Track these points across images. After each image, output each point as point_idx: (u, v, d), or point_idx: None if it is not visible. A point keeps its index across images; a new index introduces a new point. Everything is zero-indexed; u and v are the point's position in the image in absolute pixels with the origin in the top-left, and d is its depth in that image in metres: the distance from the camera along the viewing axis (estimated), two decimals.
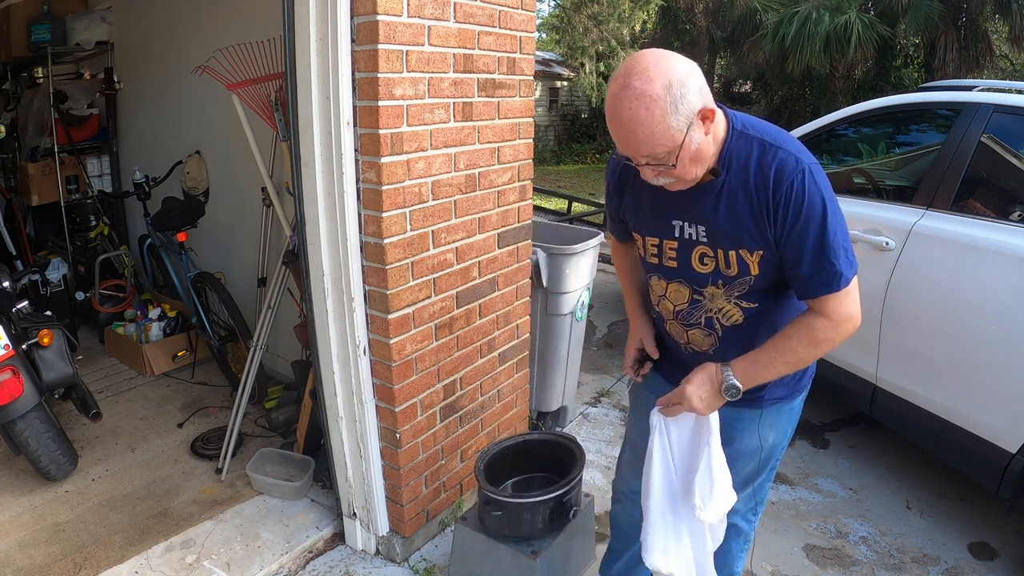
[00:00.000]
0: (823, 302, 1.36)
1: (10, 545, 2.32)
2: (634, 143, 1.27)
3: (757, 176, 1.34)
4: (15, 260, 4.19)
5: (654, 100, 1.22)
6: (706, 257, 1.44)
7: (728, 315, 1.48)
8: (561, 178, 13.12)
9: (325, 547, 2.41)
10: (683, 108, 1.23)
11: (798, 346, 1.39)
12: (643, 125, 1.24)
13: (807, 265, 1.34)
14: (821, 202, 1.30)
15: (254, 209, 3.34)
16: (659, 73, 1.22)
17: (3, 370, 2.43)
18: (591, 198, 7.81)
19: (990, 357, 2.32)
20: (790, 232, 1.33)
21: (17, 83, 4.55)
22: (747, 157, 1.35)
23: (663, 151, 1.27)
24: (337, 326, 2.13)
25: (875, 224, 2.75)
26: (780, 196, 1.31)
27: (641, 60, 1.26)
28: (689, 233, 1.45)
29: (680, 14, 14.78)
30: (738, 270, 1.41)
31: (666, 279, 1.53)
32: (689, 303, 1.51)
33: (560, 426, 3.22)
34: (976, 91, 2.79)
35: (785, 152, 1.33)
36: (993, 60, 12.31)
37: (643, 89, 1.22)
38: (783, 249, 1.35)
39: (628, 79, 1.23)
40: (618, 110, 1.25)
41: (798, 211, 1.31)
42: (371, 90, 1.86)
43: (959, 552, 2.47)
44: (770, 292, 1.46)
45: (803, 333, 1.39)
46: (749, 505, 1.77)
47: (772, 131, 1.38)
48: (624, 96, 1.24)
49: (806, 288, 1.37)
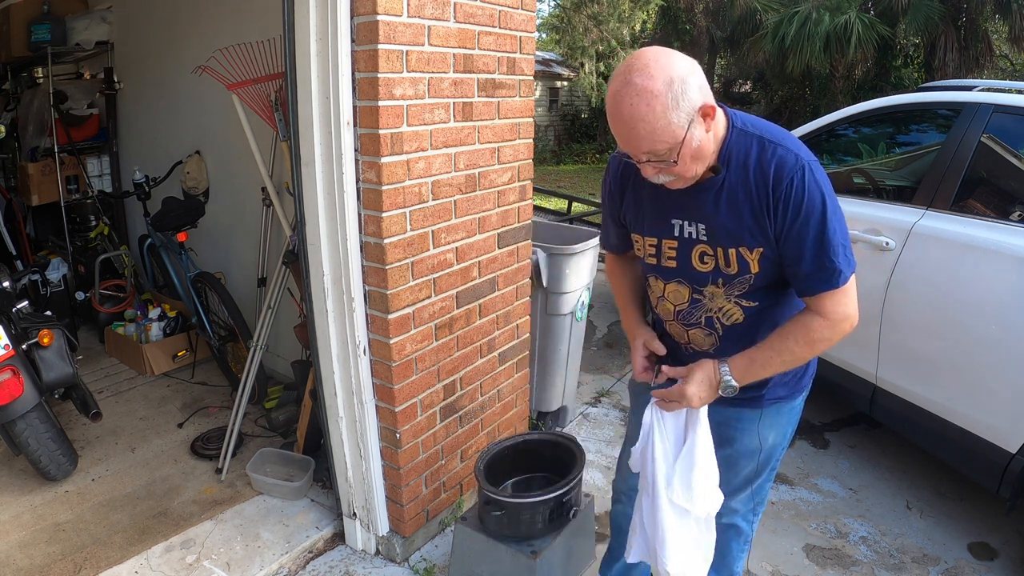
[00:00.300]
0: (821, 300, 1.37)
1: (10, 545, 2.32)
2: (635, 139, 1.27)
3: (757, 173, 1.34)
4: (15, 260, 4.19)
5: (655, 96, 1.22)
6: (706, 256, 1.44)
7: (728, 314, 1.48)
8: (561, 178, 13.12)
9: (325, 547, 2.41)
10: (684, 104, 1.23)
11: (795, 345, 1.40)
12: (644, 121, 1.23)
13: (807, 262, 1.34)
14: (821, 199, 1.31)
15: (254, 209, 3.34)
16: (660, 69, 1.22)
17: (3, 370, 2.43)
18: (591, 198, 7.80)
19: (990, 357, 2.31)
20: (790, 229, 1.33)
21: (17, 83, 4.55)
22: (747, 154, 1.35)
23: (664, 148, 1.27)
24: (337, 326, 2.13)
25: (875, 224, 2.75)
26: (780, 193, 1.32)
27: (642, 57, 1.25)
28: (689, 232, 1.45)
29: (680, 14, 14.79)
30: (738, 268, 1.41)
31: (664, 279, 1.53)
32: (689, 303, 1.51)
33: (560, 426, 3.22)
34: (976, 91, 2.79)
35: (784, 149, 1.33)
36: (993, 60, 12.31)
37: (644, 85, 1.22)
38: (783, 246, 1.36)
39: (629, 75, 1.23)
40: (619, 106, 1.25)
41: (798, 208, 1.31)
42: (371, 90, 1.86)
43: (959, 552, 2.47)
44: (770, 290, 1.46)
45: (800, 332, 1.39)
46: (749, 505, 1.76)
47: (772, 129, 1.38)
48: (626, 92, 1.23)
49: (805, 285, 1.38)
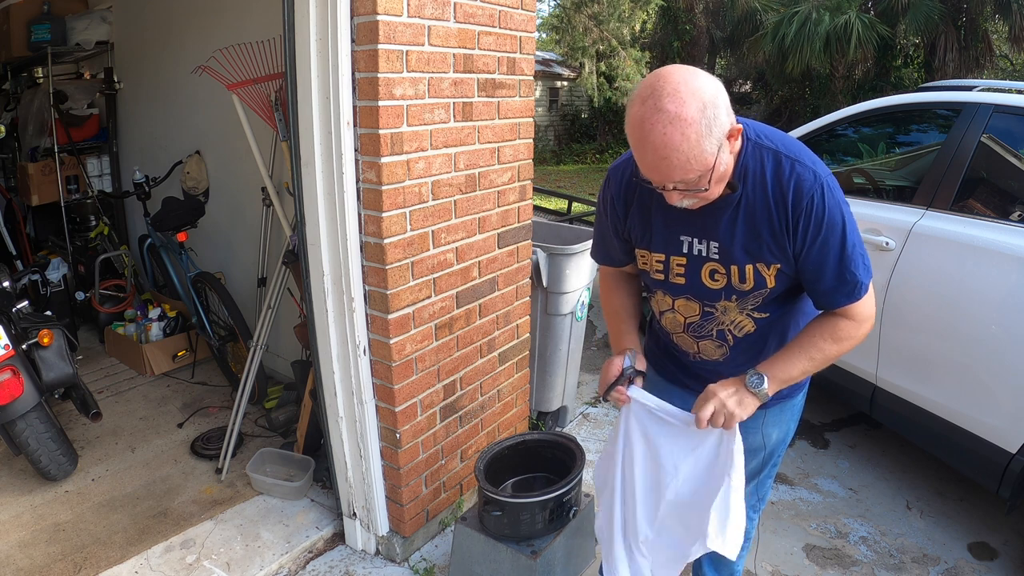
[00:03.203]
0: (843, 309, 1.37)
1: (10, 545, 2.32)
2: (666, 169, 1.20)
3: (775, 191, 1.31)
4: (15, 260, 4.20)
5: (689, 124, 1.15)
6: (716, 273, 1.42)
7: (741, 326, 1.48)
8: (561, 178, 13.11)
9: (325, 547, 2.41)
10: (716, 130, 1.18)
11: (823, 343, 1.39)
12: (678, 151, 1.16)
13: (829, 278, 1.34)
14: (840, 216, 1.30)
15: (254, 209, 3.34)
16: (691, 94, 1.15)
17: (3, 370, 2.43)
18: (591, 198, 7.80)
19: (990, 357, 2.31)
20: (811, 247, 1.32)
21: (17, 83, 4.56)
22: (762, 170, 1.32)
23: (695, 176, 1.21)
24: (337, 326, 2.13)
25: (875, 224, 2.75)
26: (800, 212, 1.29)
27: (670, 79, 1.17)
28: (699, 249, 1.42)
29: (680, 14, 14.79)
30: (754, 283, 1.40)
31: (672, 295, 1.51)
32: (701, 316, 1.49)
33: (560, 426, 3.22)
34: (976, 91, 2.79)
35: (802, 166, 1.30)
36: (993, 60, 12.32)
37: (677, 112, 1.14)
38: (802, 263, 1.34)
39: (659, 101, 1.15)
40: (649, 134, 1.17)
41: (819, 226, 1.30)
42: (371, 90, 1.86)
43: (959, 552, 2.47)
44: (781, 301, 1.46)
45: (827, 331, 1.39)
46: (751, 502, 1.77)
47: (785, 141, 1.35)
48: (657, 120, 1.15)
49: (828, 300, 1.38)
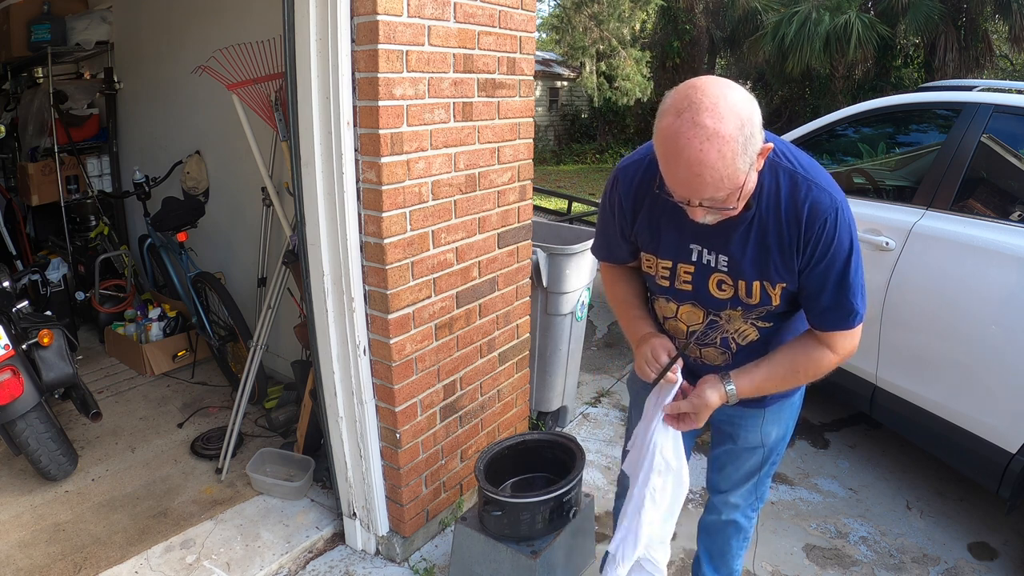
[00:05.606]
0: (833, 336, 1.39)
1: (10, 545, 2.32)
2: (699, 186, 1.16)
3: (790, 211, 1.30)
4: (15, 260, 4.20)
5: (727, 142, 1.11)
6: (724, 284, 1.42)
7: (744, 335, 1.49)
8: (561, 178, 13.11)
9: (325, 547, 2.41)
10: (751, 148, 1.15)
11: (803, 377, 1.45)
12: (713, 168, 1.12)
13: (827, 299, 1.34)
14: (849, 242, 1.30)
15: (254, 209, 3.34)
16: (729, 110, 1.12)
17: (3, 370, 2.43)
18: (591, 198, 7.79)
19: (990, 357, 2.31)
20: (815, 266, 1.32)
21: (17, 83, 4.55)
22: (778, 189, 1.30)
23: (725, 194, 1.18)
24: (337, 326, 2.12)
25: (875, 224, 2.75)
26: (812, 233, 1.29)
27: (708, 92, 1.13)
28: (708, 260, 1.41)
29: (680, 14, 14.77)
30: (759, 299, 1.40)
31: (677, 301, 1.51)
32: (705, 324, 1.49)
33: (560, 426, 3.22)
34: (976, 91, 2.79)
35: (819, 189, 1.29)
36: (993, 60, 12.32)
37: (716, 129, 1.10)
38: (804, 279, 1.35)
39: (697, 115, 1.11)
40: (684, 149, 1.12)
41: (827, 249, 1.30)
42: (371, 90, 1.86)
43: (959, 552, 2.47)
44: (786, 313, 1.47)
45: (811, 367, 1.42)
46: (749, 500, 1.77)
47: (802, 160, 1.33)
48: (694, 135, 1.11)
49: (821, 320, 1.39)
